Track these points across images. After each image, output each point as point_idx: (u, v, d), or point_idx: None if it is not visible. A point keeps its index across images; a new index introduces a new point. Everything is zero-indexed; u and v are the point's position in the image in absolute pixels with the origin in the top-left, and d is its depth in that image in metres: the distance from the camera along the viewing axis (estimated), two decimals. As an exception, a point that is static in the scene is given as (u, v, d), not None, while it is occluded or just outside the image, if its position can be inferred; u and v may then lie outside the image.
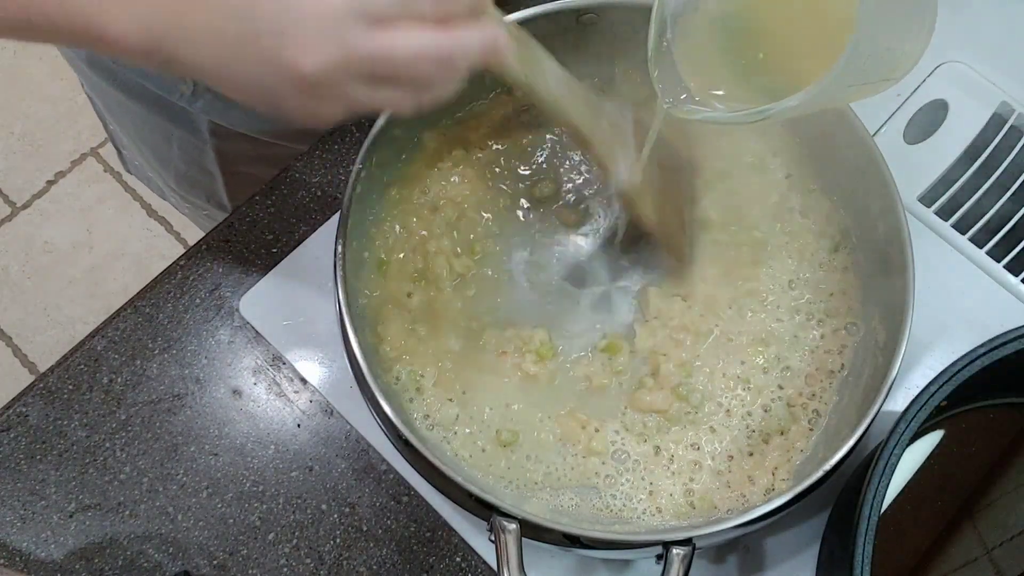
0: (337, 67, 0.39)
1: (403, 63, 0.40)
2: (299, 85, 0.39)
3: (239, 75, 0.40)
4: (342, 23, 0.38)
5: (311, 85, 0.39)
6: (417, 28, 0.40)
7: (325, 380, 0.64)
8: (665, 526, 0.56)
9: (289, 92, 0.40)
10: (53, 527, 0.61)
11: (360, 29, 0.38)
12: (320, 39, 0.38)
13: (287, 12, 0.38)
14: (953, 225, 0.67)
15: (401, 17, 0.39)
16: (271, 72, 0.39)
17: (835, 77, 0.41)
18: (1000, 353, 0.49)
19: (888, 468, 0.47)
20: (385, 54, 0.39)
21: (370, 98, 0.41)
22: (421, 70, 0.41)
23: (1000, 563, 0.55)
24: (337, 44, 0.38)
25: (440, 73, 0.42)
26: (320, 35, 0.38)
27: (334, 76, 0.39)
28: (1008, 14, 0.73)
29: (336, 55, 0.39)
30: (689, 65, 0.50)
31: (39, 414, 0.63)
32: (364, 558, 0.60)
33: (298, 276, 0.66)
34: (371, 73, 0.40)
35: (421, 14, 0.40)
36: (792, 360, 0.60)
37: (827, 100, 0.45)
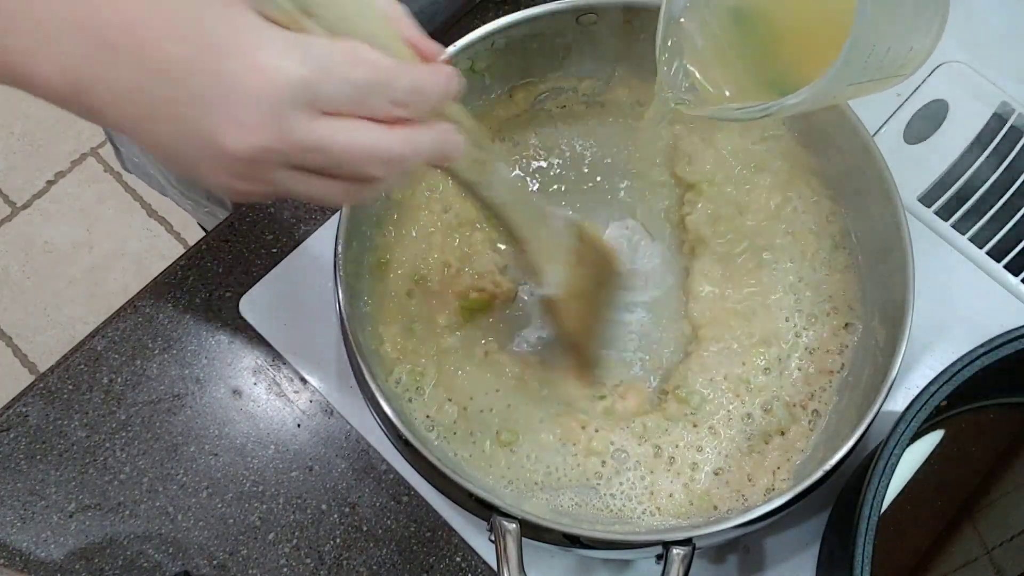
0: (266, 152, 0.36)
1: (345, 159, 0.37)
2: (221, 161, 0.36)
3: (159, 138, 0.37)
4: (281, 107, 0.35)
5: (235, 164, 0.36)
6: (361, 123, 0.37)
7: (325, 380, 0.64)
8: (665, 526, 0.56)
9: (210, 166, 0.37)
10: (53, 527, 0.61)
11: (300, 117, 0.35)
12: (252, 120, 0.35)
13: (221, 85, 0.35)
14: (953, 225, 0.67)
15: (351, 112, 0.37)
16: (193, 143, 0.36)
17: (834, 76, 0.41)
18: (1000, 353, 0.49)
19: (888, 468, 0.47)
20: (324, 146, 0.36)
21: (300, 187, 0.38)
22: (363, 168, 0.38)
23: (1000, 563, 0.55)
24: (271, 128, 0.35)
25: (384, 172, 0.39)
26: (253, 116, 0.35)
27: (262, 160, 0.36)
28: (1008, 14, 0.73)
29: (267, 140, 0.35)
30: (696, 62, 0.50)
31: (39, 414, 0.63)
32: (364, 558, 0.60)
33: (298, 276, 0.66)
34: (304, 164, 0.37)
35: (374, 114, 0.37)
36: (792, 360, 0.60)
37: (830, 97, 0.45)
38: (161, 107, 0.36)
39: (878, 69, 0.44)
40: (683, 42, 0.49)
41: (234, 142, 0.35)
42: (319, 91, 0.35)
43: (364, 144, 0.37)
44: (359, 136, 0.37)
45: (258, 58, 0.35)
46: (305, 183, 0.38)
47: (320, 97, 0.35)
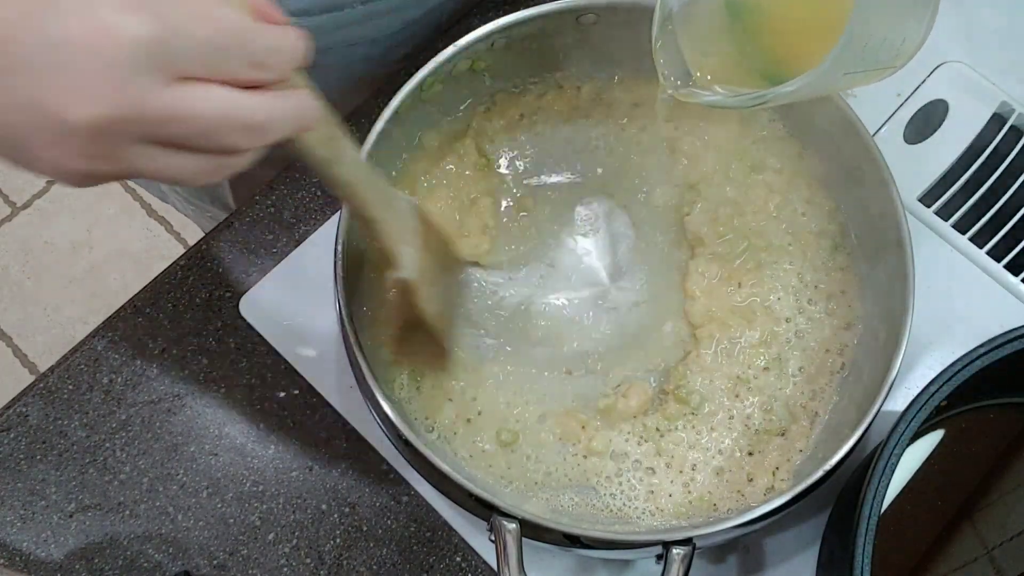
0: (114, 122, 0.31)
1: (204, 128, 0.33)
2: (61, 137, 0.32)
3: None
4: (129, 70, 0.31)
5: (78, 139, 0.32)
6: (221, 88, 0.33)
7: (325, 380, 0.64)
8: (665, 526, 0.56)
9: (47, 144, 0.32)
10: (53, 527, 0.61)
11: (151, 81, 0.31)
12: (96, 86, 0.30)
13: (57, 47, 0.30)
14: (953, 225, 0.67)
15: (207, 76, 0.33)
16: (24, 118, 0.32)
17: (830, 64, 0.41)
18: (1000, 353, 0.49)
19: (888, 468, 0.47)
20: (181, 114, 0.32)
21: (155, 164, 0.34)
22: (224, 137, 0.34)
23: (1000, 563, 0.55)
24: (119, 94, 0.31)
25: (245, 141, 0.35)
26: (97, 81, 0.30)
27: (110, 133, 0.32)
28: (1008, 14, 0.73)
29: (115, 107, 0.31)
30: (692, 50, 0.50)
31: (39, 414, 0.63)
32: (364, 558, 0.60)
33: (298, 276, 0.66)
34: (159, 135, 0.33)
35: (232, 76, 0.33)
36: (792, 360, 0.60)
37: (824, 86, 0.45)
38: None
39: (873, 59, 0.44)
40: (678, 32, 0.50)
41: (76, 112, 0.31)
42: (170, 51, 0.31)
43: (225, 110, 0.33)
44: (218, 101, 0.33)
45: (97, 14, 0.30)
46: (161, 159, 0.34)
47: (171, 58, 0.31)
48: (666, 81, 0.50)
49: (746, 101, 0.47)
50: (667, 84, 0.50)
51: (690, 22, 0.50)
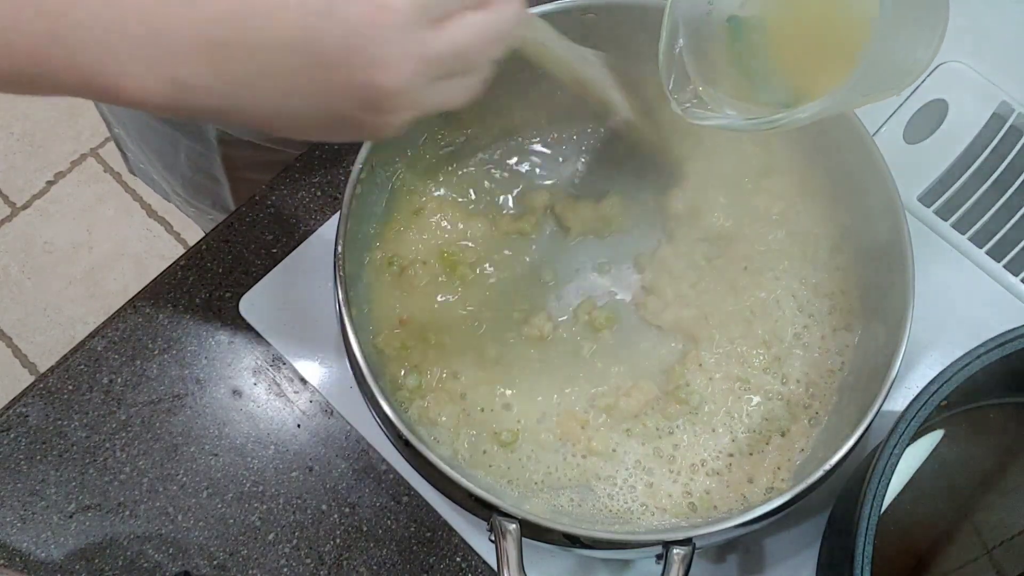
0: (418, 75, 0.38)
1: (471, 52, 0.40)
2: (375, 101, 0.38)
3: (296, 112, 0.38)
4: (413, 31, 0.36)
5: (390, 101, 0.38)
6: (469, 15, 0.39)
7: (325, 380, 0.64)
8: (665, 526, 0.56)
9: (362, 111, 0.38)
10: (53, 527, 0.61)
11: (429, 32, 0.37)
12: (398, 53, 0.36)
13: (354, 35, 0.36)
14: (953, 225, 0.67)
15: (456, 8, 0.39)
16: (342, 98, 0.37)
17: (850, 87, 0.41)
18: (1000, 353, 0.49)
19: (888, 468, 0.46)
20: (457, 49, 0.39)
21: (440, 96, 0.40)
22: (487, 53, 0.41)
23: (1000, 563, 0.55)
24: (415, 53, 0.37)
25: (499, 51, 0.42)
26: (397, 49, 0.36)
27: (415, 85, 0.38)
28: (1008, 14, 0.73)
29: (416, 64, 0.37)
30: (700, 71, 0.50)
31: (39, 414, 0.63)
32: (364, 558, 0.60)
33: (298, 276, 0.66)
34: (446, 71, 0.39)
35: (469, 4, 0.39)
36: (792, 360, 0.60)
37: (839, 108, 0.45)
38: (295, 81, 0.36)
39: (888, 81, 0.44)
40: (685, 52, 0.50)
41: (390, 80, 0.36)
42: (429, 5, 0.37)
43: (484, 30, 0.39)
44: (476, 27, 0.39)
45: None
46: (444, 90, 0.40)
47: (432, 9, 0.37)
48: (674, 102, 0.50)
49: (758, 125, 0.46)
50: (675, 105, 0.50)
51: (696, 42, 0.50)
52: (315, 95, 0.37)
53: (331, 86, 0.37)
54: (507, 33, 0.42)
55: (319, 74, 0.36)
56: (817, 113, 0.43)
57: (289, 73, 0.36)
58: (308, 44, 0.36)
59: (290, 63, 0.36)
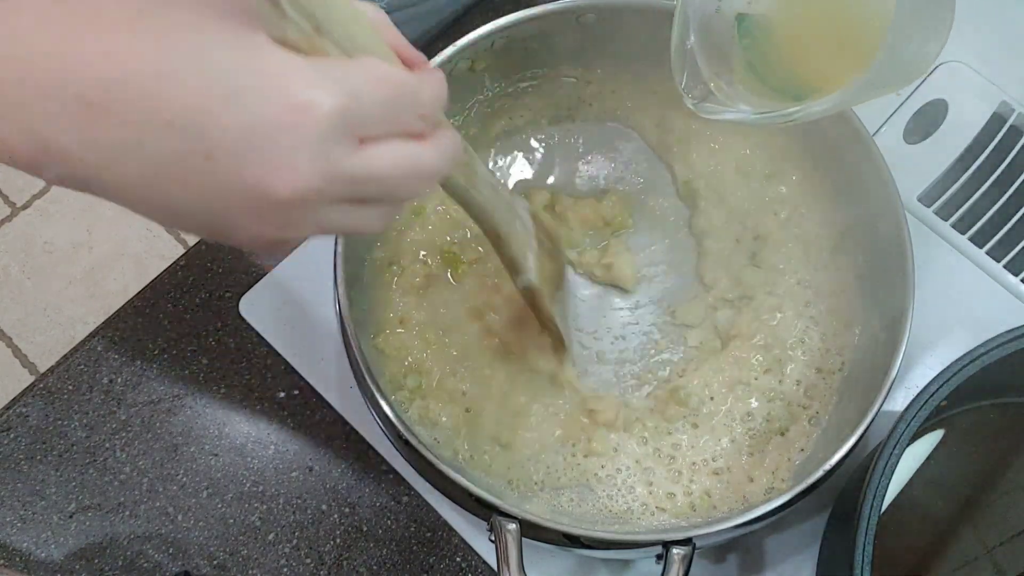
0: (317, 190, 0.32)
1: (391, 183, 0.35)
2: (263, 211, 0.33)
3: (170, 199, 0.33)
4: (323, 142, 0.32)
5: (280, 211, 0.33)
6: (398, 143, 0.35)
7: (325, 380, 0.64)
8: (665, 526, 0.56)
9: (246, 218, 0.33)
10: (53, 527, 0.61)
11: (345, 147, 0.33)
12: (299, 159, 0.32)
13: (256, 130, 0.31)
14: (953, 225, 0.67)
15: (385, 134, 0.35)
16: (225, 197, 0.32)
17: (867, 80, 0.41)
18: (1000, 353, 0.49)
19: (888, 468, 0.46)
20: (374, 176, 0.34)
21: (344, 221, 0.35)
22: (408, 188, 0.36)
23: (1000, 563, 0.55)
24: (320, 165, 0.32)
25: (422, 187, 0.37)
26: (299, 155, 0.32)
27: (311, 200, 0.33)
28: (1008, 14, 0.73)
29: (318, 177, 0.32)
30: (711, 67, 0.50)
31: (39, 414, 0.63)
32: (364, 558, 0.60)
33: (298, 276, 0.66)
34: (350, 196, 0.34)
35: (407, 129, 0.35)
36: (792, 361, 0.60)
37: (854, 102, 0.45)
38: (172, 165, 0.32)
39: (902, 72, 0.44)
40: (696, 50, 0.49)
41: (283, 188, 0.32)
42: (355, 118, 0.33)
43: (408, 163, 0.35)
44: (400, 157, 0.35)
45: (290, 94, 0.31)
46: (347, 216, 0.35)
47: (357, 124, 0.33)
48: (686, 97, 0.50)
49: (772, 119, 0.46)
50: (687, 101, 0.50)
51: (707, 39, 0.49)
52: (197, 189, 0.32)
53: (215, 182, 0.32)
54: (435, 173, 0.37)
55: (202, 165, 0.31)
56: (832, 107, 0.43)
57: (171, 158, 0.31)
58: (197, 129, 0.31)
59: (175, 147, 0.31)
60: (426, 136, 0.36)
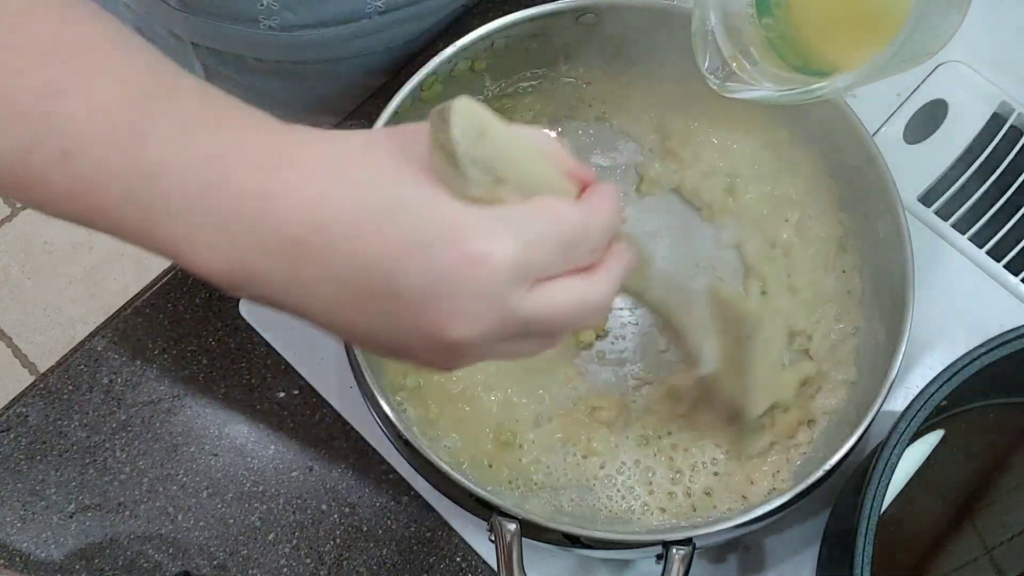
0: (490, 334, 0.34)
1: (562, 320, 0.36)
2: (440, 349, 0.35)
3: (355, 326, 0.36)
4: (503, 292, 0.33)
5: (457, 351, 0.35)
6: (571, 281, 0.36)
7: (325, 380, 0.64)
8: (665, 526, 0.56)
9: (422, 351, 0.36)
10: (53, 527, 0.61)
11: (519, 293, 0.34)
12: (476, 308, 0.33)
13: (436, 280, 0.33)
14: (953, 225, 0.67)
15: (560, 272, 0.35)
16: (405, 333, 0.35)
17: (891, 54, 0.41)
18: (1000, 353, 0.49)
19: (888, 468, 0.46)
20: (546, 316, 0.35)
21: (509, 352, 0.37)
22: (576, 323, 0.37)
23: (1000, 563, 0.55)
24: (495, 313, 0.34)
25: (591, 321, 0.39)
26: (476, 304, 0.33)
27: (484, 341, 0.35)
28: (1008, 14, 0.73)
29: (489, 325, 0.34)
30: (731, 46, 0.49)
31: (39, 414, 0.63)
32: (364, 558, 0.60)
33: (298, 276, 0.66)
34: (525, 334, 0.36)
35: (579, 264, 0.36)
36: (793, 360, 0.60)
37: (877, 77, 0.44)
38: (359, 301, 0.34)
39: (920, 48, 0.44)
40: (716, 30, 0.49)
41: (458, 334, 0.34)
42: (532, 265, 0.34)
43: (579, 303, 0.36)
44: (573, 296, 0.36)
45: (470, 247, 0.33)
46: (515, 347, 0.37)
47: (533, 270, 0.34)
48: (709, 78, 0.50)
49: (794, 96, 0.46)
50: (710, 81, 0.50)
51: (726, 19, 0.49)
52: (379, 322, 0.35)
53: (397, 320, 0.34)
54: (606, 306, 0.38)
55: (389, 306, 0.34)
56: (857, 82, 0.43)
57: (361, 295, 0.34)
58: (387, 274, 0.33)
59: (365, 286, 0.34)
60: (597, 266, 0.37)
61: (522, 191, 0.35)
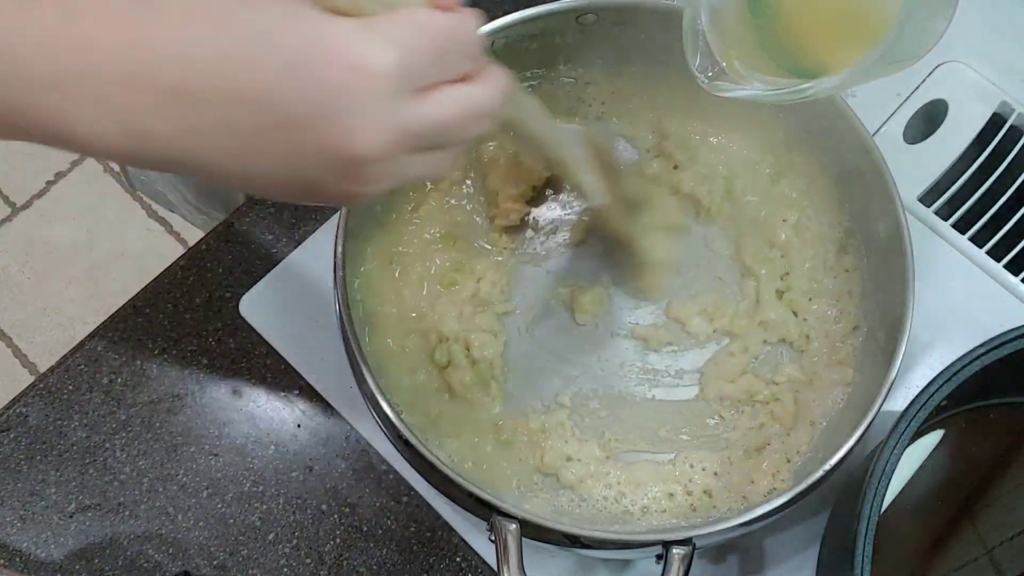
0: (394, 146, 0.35)
1: (451, 127, 0.37)
2: (347, 170, 0.35)
3: (262, 170, 0.35)
4: (391, 99, 0.34)
5: (363, 170, 0.35)
6: (454, 88, 0.37)
7: (325, 380, 0.64)
8: (665, 526, 0.56)
9: (332, 178, 0.36)
10: (53, 527, 0.61)
11: (408, 102, 0.35)
12: (375, 119, 0.34)
13: (328, 98, 0.33)
14: (953, 225, 0.67)
15: (441, 80, 0.36)
16: (311, 162, 0.35)
17: (879, 56, 0.41)
18: (1000, 353, 0.49)
19: (888, 468, 0.46)
20: (437, 123, 0.36)
21: (415, 169, 0.38)
22: (468, 129, 0.38)
23: (1000, 563, 0.55)
24: (392, 123, 0.35)
25: (481, 127, 0.39)
26: (374, 115, 0.34)
27: (390, 154, 0.35)
28: (1008, 14, 0.73)
29: (392, 135, 0.35)
30: (722, 45, 0.49)
31: (39, 414, 0.63)
32: (364, 558, 0.60)
33: (298, 276, 0.66)
34: (425, 143, 0.37)
35: (457, 72, 0.37)
36: (794, 360, 0.60)
37: (863, 79, 0.45)
38: (258, 140, 0.34)
39: (912, 47, 0.44)
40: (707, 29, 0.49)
41: (363, 148, 0.34)
42: (412, 70, 0.35)
43: (468, 106, 0.37)
44: (458, 101, 0.37)
45: (350, 58, 0.33)
46: (419, 163, 0.38)
47: (415, 76, 0.35)
48: (699, 76, 0.50)
49: (784, 96, 0.46)
50: (700, 79, 0.50)
51: (717, 18, 0.49)
52: (281, 157, 0.35)
53: (299, 150, 0.34)
54: (492, 110, 0.39)
55: (286, 136, 0.34)
56: (844, 83, 0.43)
57: (252, 131, 0.34)
58: (274, 104, 0.33)
59: (254, 121, 0.33)
60: (475, 76, 0.38)
61: (385, 5, 0.35)
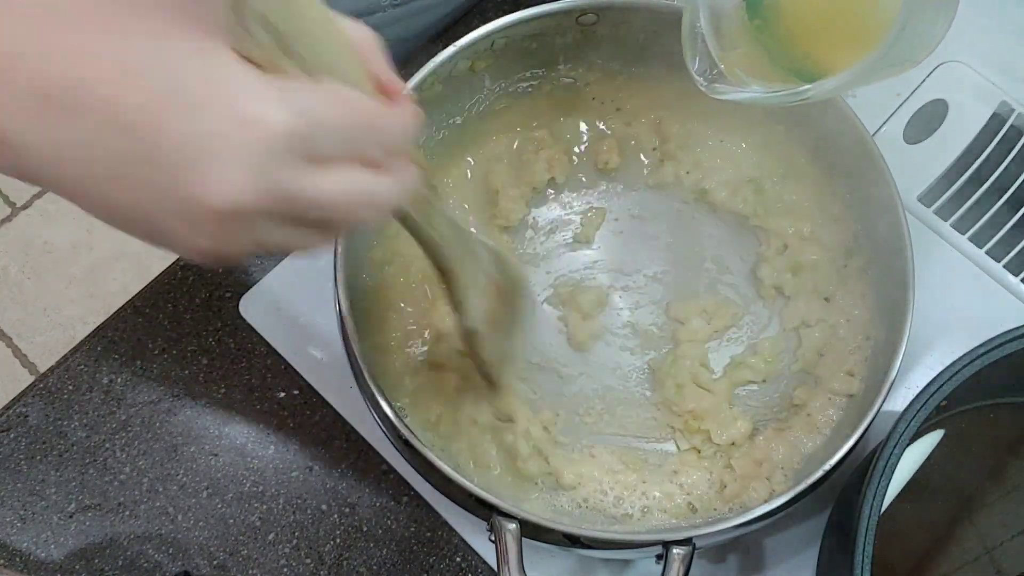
0: (258, 206, 0.32)
1: (337, 206, 0.34)
2: (196, 222, 0.32)
3: (114, 201, 0.32)
4: (270, 160, 0.31)
5: (218, 224, 0.32)
6: (353, 169, 0.34)
7: (325, 380, 0.64)
8: (665, 526, 0.56)
9: (180, 227, 0.32)
10: (53, 527, 0.61)
11: (289, 168, 0.32)
12: (239, 176, 0.31)
13: (201, 139, 0.30)
14: (953, 225, 0.67)
15: (340, 157, 0.34)
16: (164, 205, 0.32)
17: (878, 59, 0.41)
18: (1000, 353, 0.49)
19: (888, 468, 0.46)
20: (320, 197, 0.33)
21: (285, 239, 0.34)
22: (352, 216, 0.35)
23: (1000, 563, 0.55)
24: (261, 183, 0.31)
25: (368, 217, 0.36)
26: (240, 171, 0.31)
27: (248, 216, 0.32)
28: (1008, 14, 0.73)
29: (257, 195, 0.31)
30: (721, 47, 0.49)
31: (39, 414, 0.63)
32: (364, 558, 0.60)
33: (298, 276, 0.66)
34: (299, 215, 0.33)
35: (362, 156, 0.35)
36: (794, 361, 0.60)
37: (862, 82, 0.45)
38: (119, 166, 0.31)
39: (911, 51, 0.44)
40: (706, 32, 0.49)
41: (221, 201, 0.31)
42: (307, 139, 0.32)
43: (357, 192, 0.34)
44: (351, 184, 0.34)
45: (240, 107, 0.31)
46: (285, 235, 0.34)
47: (309, 145, 0.32)
48: (698, 79, 0.50)
49: (783, 98, 0.46)
50: (699, 82, 0.50)
51: (716, 21, 0.49)
52: (134, 191, 0.32)
53: (152, 187, 0.31)
54: (384, 205, 0.36)
55: (144, 170, 0.31)
56: (842, 86, 0.43)
57: (117, 158, 0.31)
58: (146, 134, 0.30)
59: (121, 147, 0.31)
60: (385, 167, 0.35)
61: (308, 71, 0.33)
